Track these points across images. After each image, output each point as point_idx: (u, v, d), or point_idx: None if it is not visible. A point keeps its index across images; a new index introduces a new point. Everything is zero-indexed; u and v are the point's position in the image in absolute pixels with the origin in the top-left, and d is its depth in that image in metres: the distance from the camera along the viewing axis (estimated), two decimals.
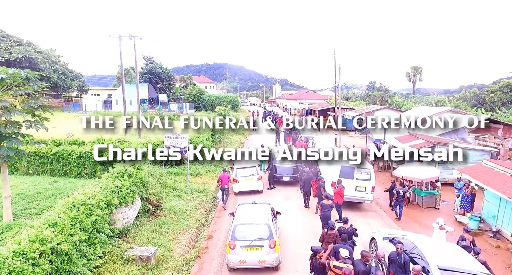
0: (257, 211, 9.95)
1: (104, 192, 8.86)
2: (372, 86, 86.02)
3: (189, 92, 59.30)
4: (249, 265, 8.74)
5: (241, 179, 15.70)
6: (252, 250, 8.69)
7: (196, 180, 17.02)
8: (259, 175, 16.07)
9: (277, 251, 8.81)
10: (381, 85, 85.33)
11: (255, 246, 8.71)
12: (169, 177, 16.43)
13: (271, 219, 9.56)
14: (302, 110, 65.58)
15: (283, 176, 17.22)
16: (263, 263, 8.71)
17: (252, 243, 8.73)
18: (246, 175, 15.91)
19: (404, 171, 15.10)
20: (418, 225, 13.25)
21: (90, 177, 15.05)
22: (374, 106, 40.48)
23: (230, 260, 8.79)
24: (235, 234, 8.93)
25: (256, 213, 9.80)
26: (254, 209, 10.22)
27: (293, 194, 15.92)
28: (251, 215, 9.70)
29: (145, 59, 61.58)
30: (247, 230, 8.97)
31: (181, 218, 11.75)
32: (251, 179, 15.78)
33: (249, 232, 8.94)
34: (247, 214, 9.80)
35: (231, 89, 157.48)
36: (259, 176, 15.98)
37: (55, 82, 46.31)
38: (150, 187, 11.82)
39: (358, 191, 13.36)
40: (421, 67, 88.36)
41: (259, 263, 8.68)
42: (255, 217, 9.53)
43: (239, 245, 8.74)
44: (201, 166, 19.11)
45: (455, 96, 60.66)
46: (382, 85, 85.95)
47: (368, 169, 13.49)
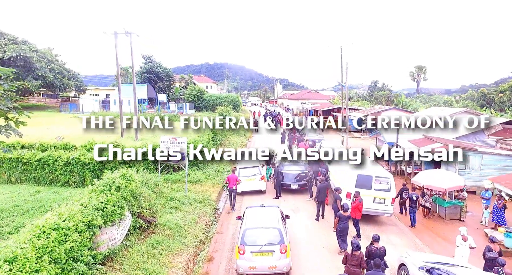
0: (267, 215, 9.66)
1: (85, 211, 7.44)
2: (374, 86, 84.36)
3: (189, 92, 57.91)
4: (260, 271, 8.43)
5: (244, 178, 15.39)
6: (263, 255, 8.45)
7: (195, 188, 15.60)
8: (262, 175, 15.80)
9: (288, 256, 8.49)
10: (384, 85, 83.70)
11: (265, 251, 8.46)
12: (166, 184, 15.00)
13: (281, 222, 9.32)
14: (305, 110, 64.02)
15: (290, 183, 15.81)
16: (274, 269, 8.39)
17: (263, 248, 8.47)
18: (249, 175, 15.73)
19: (424, 179, 13.67)
20: (442, 239, 11.87)
21: (79, 185, 13.66)
22: (380, 107, 39.05)
23: (240, 266, 8.48)
24: (245, 238, 8.65)
25: (265, 217, 9.52)
26: (263, 212, 9.90)
27: (302, 205, 14.49)
28: (261, 218, 9.42)
29: (144, 58, 60.15)
30: (257, 235, 8.71)
31: (178, 235, 10.32)
32: (254, 179, 15.63)
33: (259, 236, 8.66)
34: (256, 217, 9.50)
35: (231, 89, 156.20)
36: (261, 176, 15.73)
37: (51, 81, 44.96)
38: (143, 200, 10.40)
39: (377, 202, 11.93)
40: (425, 66, 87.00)
41: (270, 269, 8.37)
42: (264, 220, 9.27)
43: (249, 250, 8.46)
44: (201, 172, 17.69)
45: (461, 96, 59.14)
46: (385, 85, 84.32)
47: (388, 178, 12.05)
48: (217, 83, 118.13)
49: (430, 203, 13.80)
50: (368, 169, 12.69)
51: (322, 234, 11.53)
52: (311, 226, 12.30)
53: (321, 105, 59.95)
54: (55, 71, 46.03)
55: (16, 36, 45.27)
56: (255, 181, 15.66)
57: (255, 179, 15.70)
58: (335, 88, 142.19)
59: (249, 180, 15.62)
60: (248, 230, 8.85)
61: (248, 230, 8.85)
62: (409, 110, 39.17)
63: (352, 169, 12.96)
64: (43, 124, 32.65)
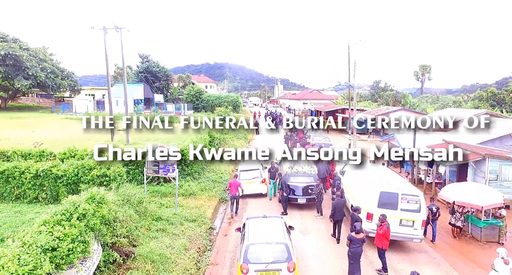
0: (270, 227, 8.78)
1: (26, 255, 5.44)
2: (376, 86, 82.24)
3: (187, 92, 55.92)
4: None
5: (244, 181, 14.88)
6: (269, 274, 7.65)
7: (188, 202, 13.60)
8: (263, 178, 15.38)
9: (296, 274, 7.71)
10: (386, 85, 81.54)
11: (272, 270, 7.67)
12: (154, 199, 13.03)
13: (287, 236, 8.50)
14: (307, 111, 61.97)
15: (297, 197, 13.81)
16: None
17: (269, 266, 7.68)
18: (249, 178, 15.29)
19: (454, 194, 11.67)
20: (474, 264, 9.90)
21: (50, 201, 11.66)
22: (388, 108, 37.05)
23: None
24: (248, 255, 7.81)
25: (269, 229, 8.65)
26: (266, 224, 8.99)
27: (311, 223, 12.45)
28: (264, 231, 8.51)
29: (141, 57, 58.22)
30: (261, 251, 7.89)
31: (163, 270, 8.33)
32: (255, 182, 15.24)
33: (264, 253, 7.85)
34: (259, 230, 8.56)
35: (232, 89, 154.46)
36: (262, 179, 15.33)
37: (42, 81, 42.96)
38: (119, 225, 8.42)
39: (404, 225, 9.92)
40: (430, 65, 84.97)
41: None
42: (268, 234, 8.39)
43: (253, 269, 7.66)
44: (196, 183, 15.68)
45: (469, 96, 57.10)
46: (387, 84, 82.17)
47: (417, 196, 10.03)
48: (217, 83, 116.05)
49: (462, 222, 11.78)
50: (391, 183, 10.71)
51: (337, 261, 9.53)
52: (324, 251, 10.28)
53: (324, 105, 57.91)
54: (47, 71, 44.03)
55: (6, 34, 43.30)
56: (255, 184, 15.20)
57: (256, 181, 15.22)
58: (335, 88, 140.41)
59: (250, 183, 15.12)
60: (251, 246, 7.95)
61: (251, 246, 7.95)
62: (417, 111, 37.19)
63: (371, 183, 11.02)
64: (30, 126, 30.71)
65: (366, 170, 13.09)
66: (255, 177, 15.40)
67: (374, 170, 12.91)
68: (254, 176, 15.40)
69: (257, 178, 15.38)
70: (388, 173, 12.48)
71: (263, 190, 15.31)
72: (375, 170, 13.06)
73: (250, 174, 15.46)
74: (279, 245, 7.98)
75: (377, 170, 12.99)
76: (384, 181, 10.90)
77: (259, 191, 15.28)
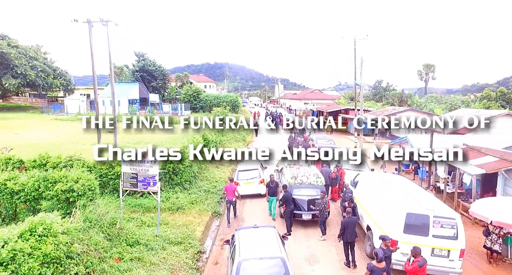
0: (263, 239, 7.94)
1: None
2: (378, 85, 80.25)
3: (185, 92, 53.98)
4: None
5: (242, 182, 14.86)
6: None
7: (175, 218, 11.68)
8: (261, 178, 15.12)
9: None
10: (388, 85, 79.53)
11: None
12: (134, 216, 11.09)
13: (282, 248, 7.58)
14: (308, 111, 60.02)
15: (302, 213, 11.87)
16: None
17: None
18: (248, 178, 15.12)
19: (491, 212, 9.71)
20: None
21: (6, 221, 9.71)
22: (394, 108, 35.11)
23: None
24: (240, 273, 6.84)
25: (262, 242, 7.82)
26: (258, 235, 8.15)
27: (320, 248, 10.40)
28: (257, 244, 7.69)
29: (137, 55, 56.23)
30: (255, 268, 7.02)
31: None
32: (253, 182, 15.05)
33: (258, 270, 7.02)
34: (251, 243, 7.72)
35: (232, 89, 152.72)
36: (261, 179, 15.08)
37: (32, 80, 41.02)
38: (74, 263, 6.50)
39: (437, 256, 7.96)
40: (434, 64, 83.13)
41: None
42: (262, 247, 7.59)
43: None
44: (185, 194, 13.76)
45: (476, 96, 55.14)
46: (389, 84, 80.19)
47: (453, 219, 8.06)
48: (216, 83, 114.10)
49: (500, 245, 9.85)
50: (418, 201, 8.77)
51: None
52: None
53: (326, 106, 55.96)
54: (37, 69, 42.08)
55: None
56: (254, 184, 15.02)
57: (254, 182, 15.04)
58: (336, 88, 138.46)
59: (248, 183, 14.97)
60: (243, 262, 7.04)
61: (243, 262, 7.04)
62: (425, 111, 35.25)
63: (393, 200, 9.07)
64: (14, 128, 28.79)
65: (383, 181, 11.16)
66: (254, 177, 15.13)
67: (392, 181, 10.96)
68: (252, 176, 15.14)
69: (255, 178, 15.10)
70: (412, 187, 10.50)
71: (262, 191, 14.87)
72: (393, 181, 11.11)
73: (248, 174, 15.22)
74: (274, 260, 7.11)
75: (396, 181, 11.05)
76: (409, 198, 8.96)
77: (258, 191, 14.97)
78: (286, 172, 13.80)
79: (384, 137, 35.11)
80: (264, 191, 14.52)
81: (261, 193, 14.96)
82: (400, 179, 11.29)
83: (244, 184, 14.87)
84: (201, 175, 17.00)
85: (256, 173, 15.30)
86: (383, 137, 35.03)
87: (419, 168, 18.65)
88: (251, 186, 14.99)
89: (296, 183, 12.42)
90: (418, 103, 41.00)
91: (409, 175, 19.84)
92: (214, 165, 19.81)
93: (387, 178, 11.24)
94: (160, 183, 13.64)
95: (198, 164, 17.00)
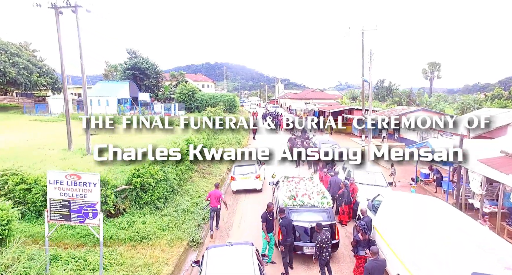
0: (237, 261, 6.64)
1: None
2: (381, 85, 77.28)
3: (179, 91, 51.16)
4: None
5: (239, 177, 15.33)
6: None
7: (135, 254, 8.77)
8: (258, 173, 15.45)
9: None
10: (391, 84, 76.57)
11: None
12: (77, 253, 8.20)
13: (258, 272, 6.27)
14: (309, 111, 57.10)
15: (303, 245, 9.01)
16: None
17: None
18: (244, 173, 15.43)
19: None
20: None
21: None
22: (404, 108, 32.22)
23: None
24: None
25: (235, 265, 6.56)
26: (231, 255, 6.82)
27: None
28: (228, 267, 6.51)
29: (128, 52, 53.40)
30: None
31: None
32: (249, 177, 15.36)
33: None
34: (222, 265, 6.52)
35: (232, 89, 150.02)
36: (257, 175, 15.42)
37: (13, 78, 38.22)
38: None
39: None
40: (440, 63, 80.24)
41: None
42: (233, 270, 6.40)
43: None
44: (157, 216, 10.90)
45: (487, 95, 52.22)
46: (392, 83, 77.23)
47: None
48: (215, 82, 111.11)
49: None
50: (482, 246, 5.88)
51: None
52: None
53: (328, 105, 53.09)
54: (19, 66, 39.28)
55: None
56: (250, 179, 15.34)
57: (251, 177, 15.36)
58: (336, 88, 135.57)
59: (244, 178, 15.32)
60: None
61: None
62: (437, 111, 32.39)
63: (441, 244, 6.18)
64: None
65: (417, 208, 8.23)
66: (250, 172, 15.44)
67: (430, 209, 8.02)
68: (249, 171, 15.46)
69: (252, 173, 15.41)
70: (461, 218, 7.44)
71: (258, 186, 15.42)
72: (431, 208, 8.15)
73: (245, 169, 15.48)
74: None
75: (435, 208, 8.10)
76: (466, 242, 6.04)
77: (254, 186, 15.38)
78: (283, 187, 10.96)
79: (392, 139, 32.24)
80: (260, 186, 15.41)
81: (257, 188, 15.42)
82: (438, 205, 8.33)
83: (241, 179, 15.26)
84: (183, 187, 14.17)
85: (253, 168, 15.52)
86: (391, 139, 32.15)
87: (442, 178, 15.79)
88: (247, 181, 15.26)
89: (296, 204, 9.56)
90: (428, 102, 38.09)
91: (429, 186, 16.98)
92: (201, 174, 17.02)
93: (420, 203, 8.36)
94: (125, 202, 10.86)
95: (180, 175, 14.20)
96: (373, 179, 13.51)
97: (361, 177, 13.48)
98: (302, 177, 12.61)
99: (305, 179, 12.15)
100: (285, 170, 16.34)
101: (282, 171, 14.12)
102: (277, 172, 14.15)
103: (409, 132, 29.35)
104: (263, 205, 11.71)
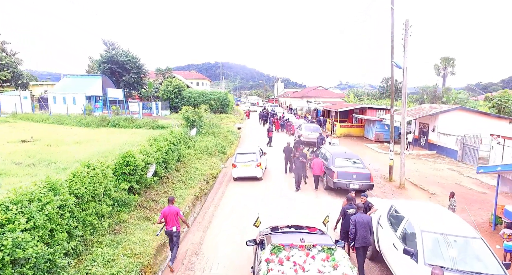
0: None
1: None
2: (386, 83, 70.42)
3: (163, 88, 44.65)
4: None
5: (240, 164, 15.36)
6: None
7: None
8: (259, 162, 15.43)
9: None
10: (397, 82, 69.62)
11: None
12: None
13: None
14: (312, 111, 50.41)
15: None
16: None
17: None
18: (245, 161, 15.46)
19: None
20: None
21: None
22: (434, 106, 25.58)
23: None
24: None
25: None
26: None
27: None
28: None
29: (105, 44, 46.79)
30: None
31: None
32: (250, 165, 15.33)
33: None
34: None
35: (232, 88, 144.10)
36: (258, 163, 15.39)
37: None
38: None
39: None
40: (454, 58, 73.67)
41: None
42: None
43: None
44: None
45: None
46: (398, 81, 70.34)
47: None
48: (210, 80, 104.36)
49: None
50: None
51: None
52: None
53: (333, 104, 46.43)
54: None
55: None
56: (251, 167, 15.32)
57: (251, 165, 15.32)
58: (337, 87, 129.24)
59: (245, 166, 15.33)
60: None
61: None
62: (479, 110, 25.87)
63: None
64: None
65: None
66: (251, 160, 15.44)
67: None
68: (250, 159, 15.47)
69: (253, 161, 15.39)
70: None
71: (258, 174, 15.43)
72: None
73: (246, 157, 15.55)
74: None
75: None
76: None
77: (254, 174, 15.41)
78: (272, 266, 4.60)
79: (418, 146, 25.54)
80: (261, 175, 15.54)
81: (257, 176, 15.45)
82: None
83: (242, 166, 15.32)
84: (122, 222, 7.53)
85: (254, 156, 15.59)
86: (417, 146, 25.45)
87: None
88: (248, 169, 15.30)
89: None
90: (457, 99, 31.55)
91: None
92: (141, 213, 10.38)
93: None
94: None
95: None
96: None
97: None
98: (311, 242, 5.96)
99: (318, 251, 5.55)
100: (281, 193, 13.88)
101: (273, 205, 8.20)
102: (265, 206, 9.53)
103: (443, 137, 22.68)
104: None
